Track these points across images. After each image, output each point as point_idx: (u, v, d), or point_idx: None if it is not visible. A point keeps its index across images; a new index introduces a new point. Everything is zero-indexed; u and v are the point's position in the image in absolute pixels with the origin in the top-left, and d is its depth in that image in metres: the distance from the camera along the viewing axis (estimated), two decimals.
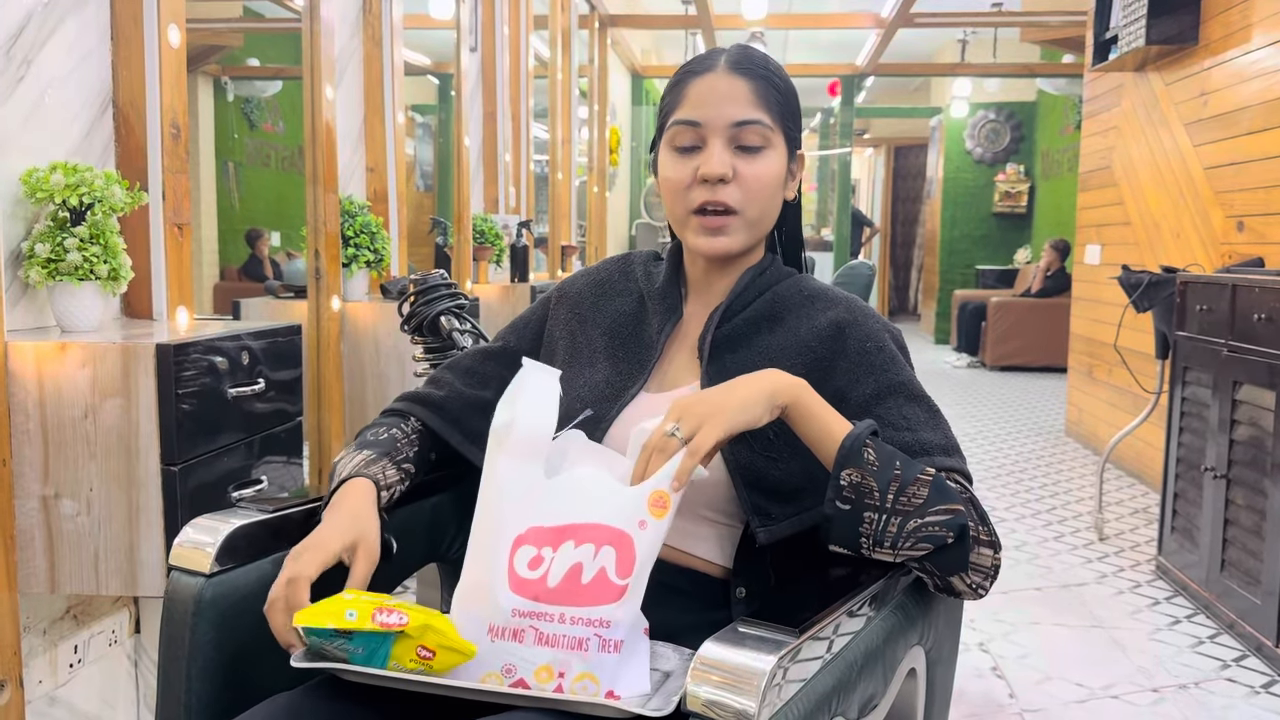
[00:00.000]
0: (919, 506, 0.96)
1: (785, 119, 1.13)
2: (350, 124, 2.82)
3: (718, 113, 1.10)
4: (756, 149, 1.11)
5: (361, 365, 2.61)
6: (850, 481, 0.96)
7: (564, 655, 0.91)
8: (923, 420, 1.09)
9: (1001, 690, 2.36)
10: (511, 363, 1.24)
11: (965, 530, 0.98)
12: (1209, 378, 2.79)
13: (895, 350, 1.13)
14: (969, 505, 1.01)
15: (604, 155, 7.26)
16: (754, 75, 1.11)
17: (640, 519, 0.94)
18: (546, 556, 0.94)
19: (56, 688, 1.69)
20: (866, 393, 1.09)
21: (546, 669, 0.91)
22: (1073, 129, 8.31)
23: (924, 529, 0.96)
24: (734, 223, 1.12)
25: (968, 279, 10.17)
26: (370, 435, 1.18)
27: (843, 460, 0.96)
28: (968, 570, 1.00)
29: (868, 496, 0.96)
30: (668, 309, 1.19)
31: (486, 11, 4.17)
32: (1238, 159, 3.53)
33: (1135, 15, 4.01)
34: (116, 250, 1.58)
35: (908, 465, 0.98)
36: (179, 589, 1.02)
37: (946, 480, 1.00)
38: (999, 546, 1.02)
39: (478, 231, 3.86)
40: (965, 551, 0.98)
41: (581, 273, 1.29)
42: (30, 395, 1.47)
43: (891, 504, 0.96)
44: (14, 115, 1.55)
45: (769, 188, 1.12)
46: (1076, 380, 5.39)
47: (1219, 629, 2.72)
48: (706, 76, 1.12)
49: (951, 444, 1.09)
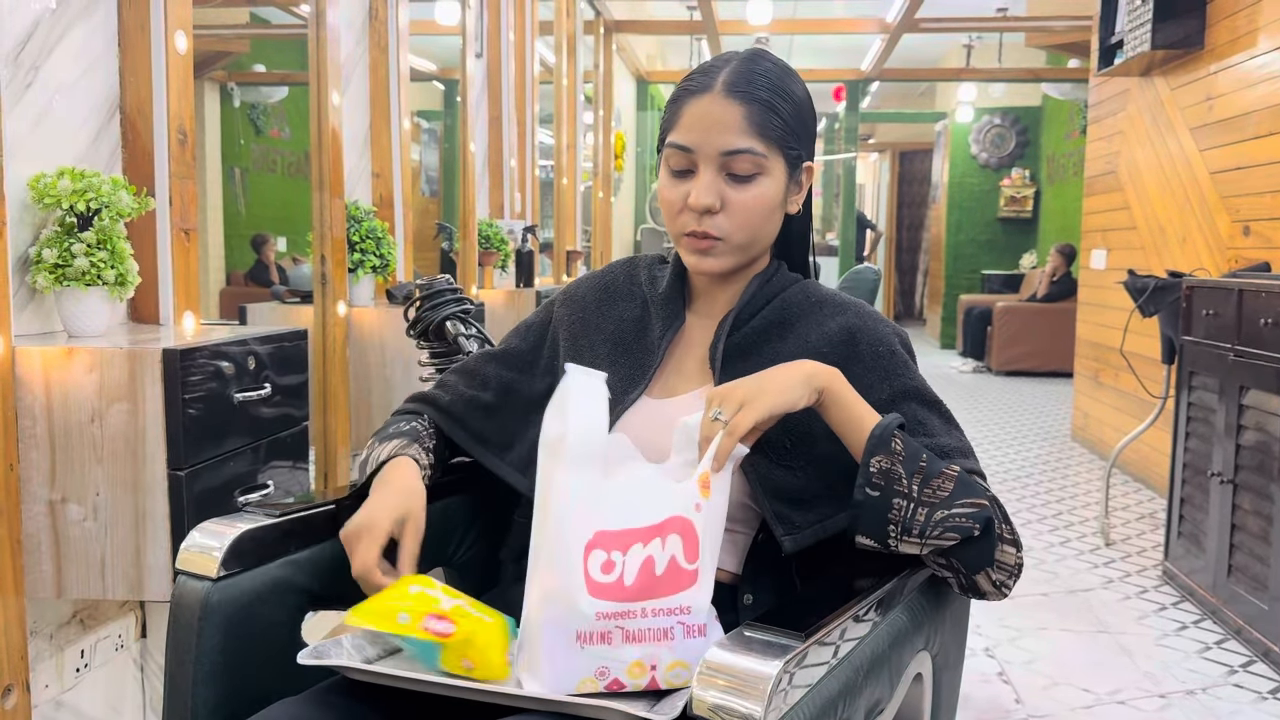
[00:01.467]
0: (945, 499, 0.98)
1: (785, 140, 1.10)
2: (356, 130, 2.83)
3: (708, 140, 1.08)
4: (748, 177, 1.09)
5: (367, 370, 2.61)
6: (880, 468, 0.98)
7: (652, 649, 0.93)
8: (939, 426, 1.10)
9: (1008, 696, 2.36)
10: (513, 365, 1.25)
11: (991, 524, 0.99)
12: (1215, 382, 2.79)
13: (906, 355, 1.14)
14: (993, 503, 1.02)
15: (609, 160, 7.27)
16: (750, 99, 1.08)
17: (695, 503, 0.97)
18: (618, 560, 0.95)
19: (63, 692, 1.70)
20: (882, 398, 1.09)
21: (638, 665, 0.93)
22: (1078, 134, 8.30)
23: (951, 519, 0.98)
24: (720, 247, 1.11)
25: (973, 284, 10.16)
26: (393, 429, 1.20)
27: (873, 447, 0.99)
28: (993, 566, 1.01)
29: (896, 483, 0.98)
30: (670, 314, 1.19)
31: (492, 18, 4.17)
32: (1244, 163, 3.52)
33: (1140, 20, 4.00)
34: (123, 255, 1.58)
35: (933, 460, 1.01)
36: (186, 593, 1.02)
37: (967, 478, 1.02)
38: (1021, 546, 1.03)
39: (483, 236, 3.86)
40: (991, 546, 1.00)
41: (586, 276, 1.29)
42: (37, 400, 1.47)
43: (918, 493, 0.98)
44: (22, 121, 1.55)
45: (760, 214, 1.11)
46: (1082, 385, 5.38)
47: (1226, 634, 2.71)
48: (702, 99, 1.09)
49: (967, 448, 1.10)
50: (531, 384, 1.23)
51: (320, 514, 1.14)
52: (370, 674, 0.94)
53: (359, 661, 0.98)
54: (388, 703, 0.98)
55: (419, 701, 0.96)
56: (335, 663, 0.95)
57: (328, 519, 1.15)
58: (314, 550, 1.12)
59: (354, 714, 0.96)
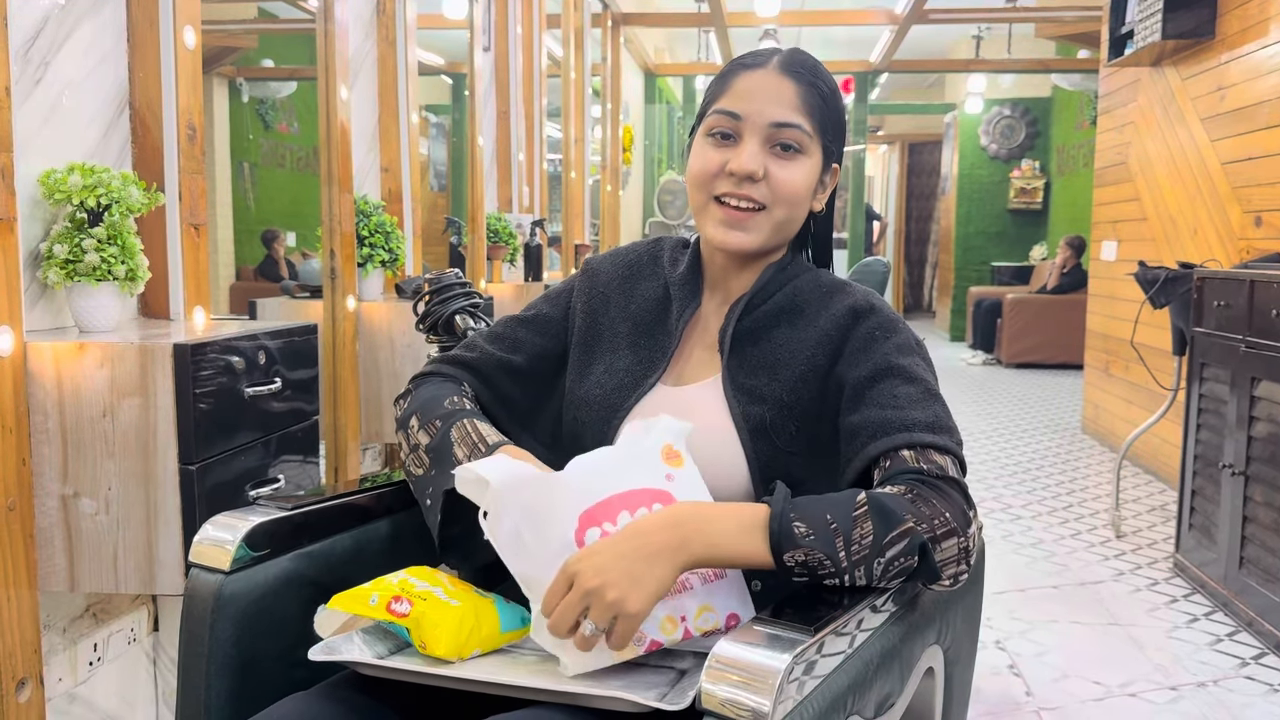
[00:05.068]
0: (872, 543, 0.91)
1: (825, 129, 1.12)
2: (365, 124, 2.83)
3: (759, 109, 1.09)
4: (792, 151, 1.10)
5: (377, 364, 2.62)
6: (796, 561, 0.91)
7: (676, 601, 0.94)
8: (915, 399, 1.04)
9: (1019, 688, 2.35)
10: (542, 330, 1.24)
11: (924, 547, 0.93)
12: (1227, 374, 2.77)
13: (901, 341, 1.10)
14: (910, 507, 0.94)
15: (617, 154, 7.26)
16: (802, 80, 1.10)
17: (666, 474, 0.98)
18: (611, 531, 0.95)
19: (76, 685, 1.71)
20: (862, 374, 1.07)
21: (669, 620, 0.94)
22: (1088, 124, 8.26)
23: (891, 565, 0.92)
24: (759, 219, 1.10)
25: (983, 276, 10.13)
26: (448, 404, 1.14)
27: (777, 546, 0.91)
28: (942, 576, 0.95)
29: (820, 567, 0.92)
30: (686, 296, 1.18)
31: (500, 11, 4.17)
32: (1255, 154, 3.50)
33: (1151, 10, 3.98)
34: (134, 251, 1.59)
35: (837, 510, 0.92)
36: (199, 586, 1.02)
37: (882, 496, 0.94)
38: (966, 522, 0.95)
39: (491, 230, 3.87)
40: (931, 564, 0.94)
41: (611, 252, 1.27)
42: (49, 395, 1.48)
43: (845, 558, 0.91)
44: (32, 117, 1.56)
45: (798, 193, 1.11)
46: (1093, 377, 5.37)
47: (1237, 626, 2.70)
48: (756, 72, 1.11)
49: (940, 422, 1.03)
50: (559, 352, 1.23)
51: (332, 507, 1.15)
52: (381, 669, 0.95)
53: (370, 657, 0.98)
54: (399, 697, 0.98)
55: (430, 695, 0.97)
56: (346, 658, 0.96)
57: (339, 512, 1.15)
58: (326, 543, 1.13)
59: (365, 708, 0.96)
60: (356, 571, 1.08)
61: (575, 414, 1.17)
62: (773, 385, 1.10)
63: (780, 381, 1.10)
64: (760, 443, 1.07)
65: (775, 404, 1.09)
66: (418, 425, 1.13)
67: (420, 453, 1.11)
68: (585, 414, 1.15)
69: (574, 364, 1.21)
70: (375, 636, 1.01)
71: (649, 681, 0.95)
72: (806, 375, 1.10)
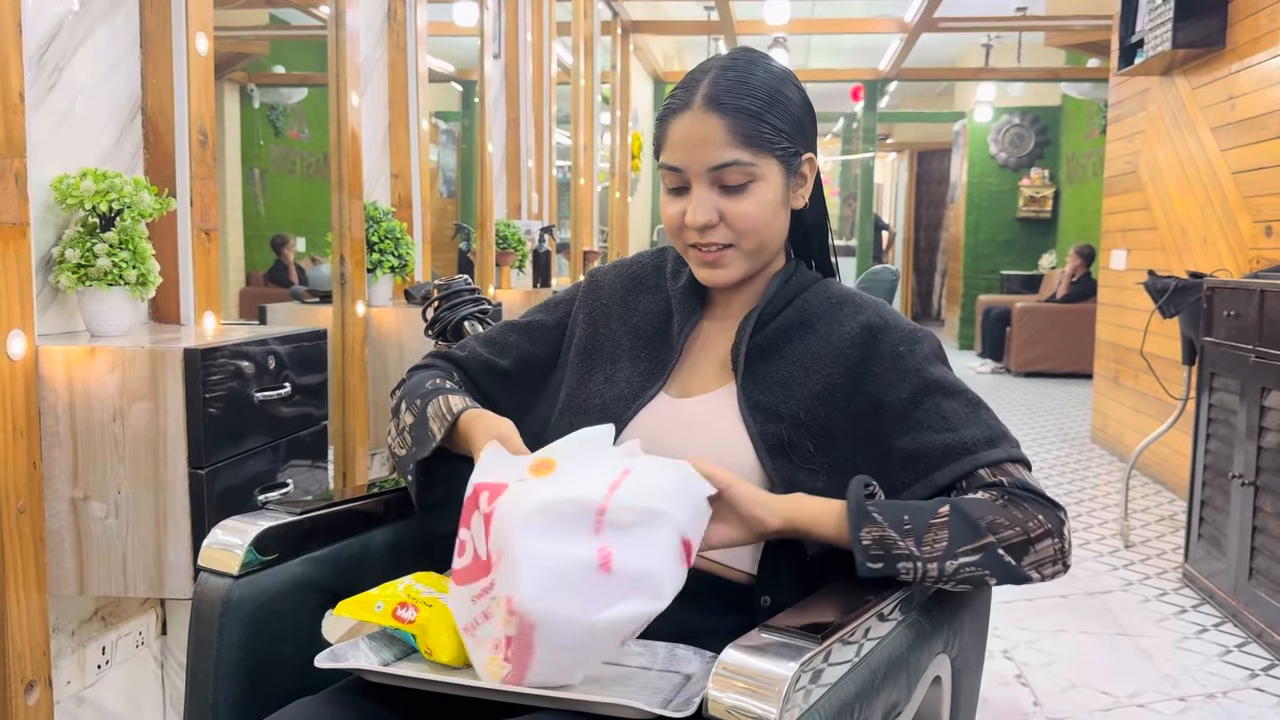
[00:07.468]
0: (946, 549, 0.97)
1: (773, 141, 1.08)
2: (375, 130, 2.84)
3: (696, 157, 1.08)
4: (740, 187, 1.09)
5: (386, 370, 2.62)
6: (873, 538, 0.97)
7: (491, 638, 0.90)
8: (963, 415, 1.08)
9: (1026, 698, 2.34)
10: (533, 336, 1.26)
11: (1000, 561, 0.98)
12: (1236, 384, 2.76)
13: (926, 351, 1.12)
14: (1001, 512, 1.00)
15: (626, 161, 7.27)
16: (727, 111, 1.07)
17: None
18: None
19: (84, 688, 1.71)
20: (902, 396, 1.08)
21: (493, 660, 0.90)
22: (1098, 133, 8.25)
23: (962, 570, 0.97)
24: (730, 255, 1.12)
25: (992, 284, 10.11)
26: (429, 385, 1.19)
27: (855, 523, 0.98)
28: (1030, 579, 1.00)
29: (894, 548, 0.97)
30: (688, 309, 1.19)
31: (510, 19, 4.18)
32: (1266, 163, 3.49)
33: (1161, 19, 3.98)
34: (145, 256, 1.60)
35: (915, 513, 0.99)
36: (207, 590, 1.03)
37: (965, 506, 0.99)
38: (1060, 524, 1.01)
39: (500, 237, 3.87)
40: (1015, 572, 0.99)
41: (616, 263, 1.29)
42: (60, 399, 1.49)
43: (919, 551, 0.97)
44: (45, 123, 1.57)
45: (759, 222, 1.10)
46: (1102, 386, 5.35)
47: (1247, 637, 2.69)
48: (684, 117, 1.09)
49: (996, 433, 1.08)
50: (549, 359, 1.25)
51: (340, 512, 1.15)
52: (387, 675, 0.95)
53: (376, 663, 0.98)
54: (405, 702, 0.98)
55: (436, 702, 0.97)
56: (353, 665, 0.96)
57: (348, 517, 1.16)
58: (334, 548, 1.13)
59: (372, 713, 0.97)
60: (364, 576, 1.08)
61: (572, 420, 1.17)
62: (789, 403, 1.10)
63: (796, 399, 1.10)
64: (779, 461, 1.07)
65: (791, 421, 1.09)
66: (405, 409, 1.19)
67: (405, 434, 1.17)
68: (583, 421, 1.15)
69: (572, 372, 1.22)
70: (381, 642, 1.01)
71: (654, 688, 0.95)
72: (822, 394, 1.10)
